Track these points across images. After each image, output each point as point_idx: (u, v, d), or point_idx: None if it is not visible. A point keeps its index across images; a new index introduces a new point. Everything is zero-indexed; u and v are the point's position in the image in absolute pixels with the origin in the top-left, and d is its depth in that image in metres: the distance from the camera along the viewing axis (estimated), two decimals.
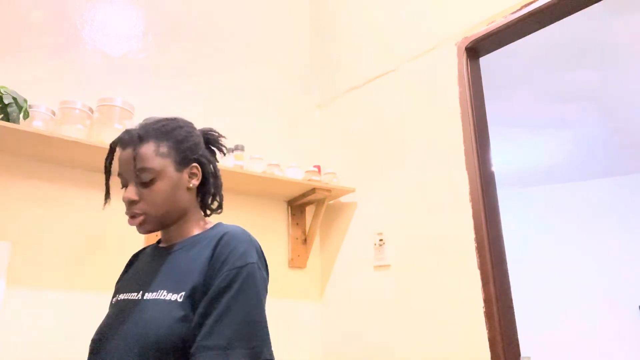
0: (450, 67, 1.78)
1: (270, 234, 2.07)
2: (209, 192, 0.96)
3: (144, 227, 0.87)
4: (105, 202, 0.97)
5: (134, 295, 0.85)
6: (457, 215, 1.64)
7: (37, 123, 1.50)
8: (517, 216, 5.16)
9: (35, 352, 1.44)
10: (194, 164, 0.92)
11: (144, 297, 0.82)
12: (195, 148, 0.93)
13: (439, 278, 1.66)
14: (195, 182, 0.92)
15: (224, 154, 1.06)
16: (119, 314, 0.85)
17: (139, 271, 0.95)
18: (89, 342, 0.87)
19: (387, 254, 1.87)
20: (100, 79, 1.78)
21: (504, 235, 1.60)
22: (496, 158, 1.79)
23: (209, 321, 0.74)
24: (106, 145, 1.50)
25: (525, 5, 1.58)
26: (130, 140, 0.87)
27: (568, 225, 5.11)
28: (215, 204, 0.99)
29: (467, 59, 1.74)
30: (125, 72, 1.86)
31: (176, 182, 0.88)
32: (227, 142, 1.05)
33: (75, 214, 1.61)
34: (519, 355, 1.46)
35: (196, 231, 0.92)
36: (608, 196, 4.97)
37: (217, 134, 1.02)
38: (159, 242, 0.99)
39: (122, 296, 0.89)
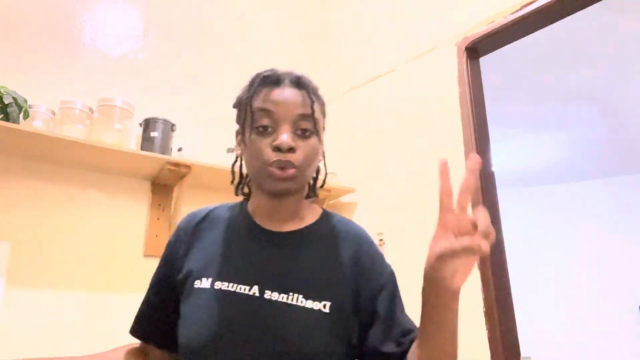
0: (450, 67, 1.78)
1: None
2: (319, 180, 0.86)
3: (291, 184, 0.73)
4: (239, 189, 0.84)
5: (246, 290, 0.71)
6: None
7: (37, 123, 1.50)
8: (517, 216, 5.16)
9: (35, 352, 1.44)
10: (323, 139, 0.82)
11: (264, 296, 0.70)
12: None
13: None
14: (321, 160, 0.82)
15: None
16: (238, 312, 0.69)
17: (238, 254, 0.77)
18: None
19: (387, 254, 1.87)
20: (100, 79, 1.78)
21: (504, 235, 1.60)
22: (496, 158, 1.79)
23: (379, 328, 0.75)
24: (106, 146, 1.51)
25: (525, 5, 1.58)
26: (307, 83, 0.76)
27: (568, 225, 5.11)
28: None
29: (467, 59, 1.74)
30: (125, 72, 1.86)
31: (320, 150, 0.79)
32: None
33: (75, 214, 1.61)
34: (519, 355, 1.46)
35: (309, 217, 0.80)
36: (608, 196, 4.97)
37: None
38: (248, 215, 0.81)
39: (222, 285, 0.72)
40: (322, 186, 0.88)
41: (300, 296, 0.69)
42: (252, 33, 2.33)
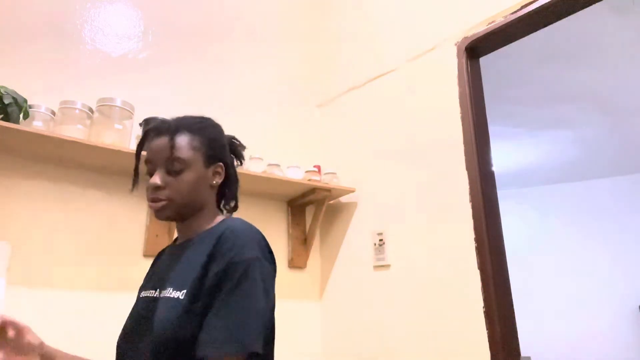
0: (450, 67, 1.78)
1: (271, 234, 2.06)
2: (228, 193, 1.00)
3: (163, 213, 0.89)
4: (133, 187, 0.98)
5: (152, 293, 0.88)
6: (457, 215, 1.64)
7: (37, 123, 1.50)
8: (517, 216, 5.16)
9: None
10: (220, 163, 0.95)
11: (160, 295, 0.85)
12: (223, 149, 0.97)
13: (439, 278, 1.66)
14: (218, 180, 0.95)
15: (241, 164, 1.08)
16: (139, 312, 0.88)
17: (158, 269, 0.98)
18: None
19: (387, 254, 1.87)
20: (100, 79, 1.78)
21: (504, 235, 1.60)
22: (496, 158, 1.79)
23: (208, 317, 0.76)
24: (106, 146, 1.51)
25: (525, 5, 1.58)
26: (167, 129, 0.90)
27: (568, 225, 5.11)
28: (232, 204, 1.02)
29: (467, 59, 1.74)
30: (125, 72, 1.86)
31: (202, 176, 0.91)
32: (245, 152, 1.09)
33: (75, 214, 1.61)
34: (519, 355, 1.46)
35: (207, 226, 0.93)
36: (608, 196, 4.97)
37: (239, 142, 1.05)
38: (176, 239, 1.01)
39: (143, 294, 0.93)
40: (234, 209, 1.03)
41: (172, 288, 0.82)
42: (252, 33, 2.33)
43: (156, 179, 0.87)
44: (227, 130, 1.07)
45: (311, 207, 2.20)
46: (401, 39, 2.06)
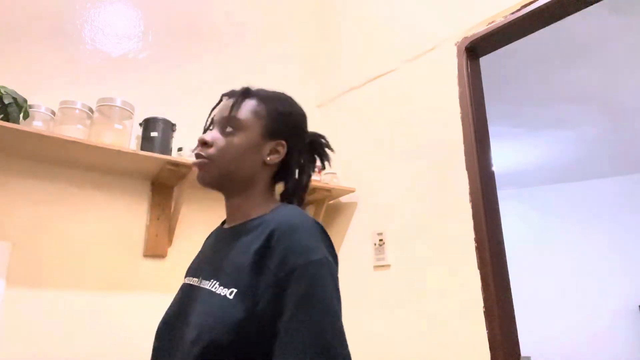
0: (450, 67, 1.78)
1: None
2: (290, 184, 0.87)
3: (203, 173, 0.81)
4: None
5: (194, 281, 0.81)
6: (457, 215, 1.64)
7: (37, 123, 1.50)
8: (517, 216, 5.17)
9: (35, 352, 1.44)
10: (282, 141, 0.85)
11: (201, 285, 0.78)
12: (291, 129, 0.86)
13: (439, 278, 1.66)
14: (273, 158, 0.84)
15: (323, 167, 0.96)
16: (182, 299, 0.81)
17: (203, 254, 0.91)
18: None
19: (387, 254, 1.87)
20: (100, 79, 1.78)
21: (504, 235, 1.60)
22: (496, 158, 1.79)
23: (280, 335, 0.65)
24: (106, 146, 1.51)
25: (525, 5, 1.58)
26: (238, 91, 0.86)
27: (568, 225, 5.11)
28: (293, 196, 0.89)
29: (467, 59, 1.74)
30: (125, 72, 1.86)
31: (255, 146, 0.82)
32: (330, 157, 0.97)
33: (75, 214, 1.61)
34: (519, 355, 1.46)
35: (259, 212, 0.81)
36: (608, 196, 4.98)
37: (326, 142, 0.94)
38: (224, 222, 0.92)
39: (186, 280, 0.85)
40: (293, 192, 0.89)
41: (216, 283, 0.74)
42: (252, 33, 2.33)
43: (205, 135, 0.82)
44: None
45: (311, 207, 2.20)
46: (401, 39, 2.06)
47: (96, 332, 1.55)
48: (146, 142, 1.67)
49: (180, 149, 1.78)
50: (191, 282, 0.82)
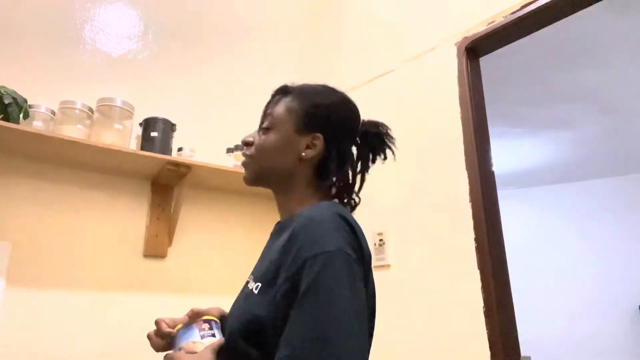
0: (450, 67, 1.78)
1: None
2: (331, 179, 0.84)
3: (246, 172, 0.85)
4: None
5: (250, 279, 0.80)
6: (457, 215, 1.64)
7: (37, 123, 1.50)
8: (517, 216, 5.16)
9: (35, 352, 1.44)
10: (318, 135, 0.81)
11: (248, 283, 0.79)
12: (330, 122, 0.82)
13: (439, 278, 1.66)
14: (309, 152, 0.80)
15: (385, 157, 0.91)
16: (238, 298, 0.81)
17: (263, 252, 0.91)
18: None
19: (387, 254, 1.87)
20: (100, 79, 1.78)
21: (504, 235, 1.60)
22: (496, 158, 1.79)
23: (285, 330, 0.61)
24: (106, 146, 1.51)
25: (525, 5, 1.58)
26: (280, 89, 0.89)
27: (568, 225, 5.11)
28: (345, 201, 0.87)
29: (467, 59, 1.74)
30: (125, 72, 1.86)
31: (289, 142, 0.80)
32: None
33: (76, 214, 1.61)
34: (519, 355, 1.46)
35: (301, 209, 0.78)
36: (608, 196, 4.97)
37: (385, 132, 0.89)
38: None
39: (248, 280, 0.82)
40: (334, 185, 0.86)
41: (252, 277, 0.77)
42: (252, 34, 2.33)
43: (247, 135, 0.85)
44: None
45: None
46: (401, 39, 2.06)
47: (96, 332, 1.55)
48: (146, 142, 1.67)
49: (180, 149, 1.79)
50: (248, 279, 0.81)
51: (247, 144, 0.84)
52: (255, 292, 0.70)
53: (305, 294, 0.61)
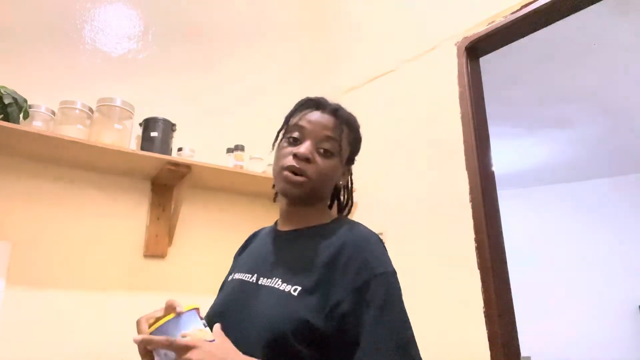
0: (450, 67, 1.78)
1: None
2: (345, 199, 0.97)
3: (298, 189, 0.83)
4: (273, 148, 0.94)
5: (248, 277, 0.83)
6: (457, 215, 1.64)
7: (37, 123, 1.50)
8: (517, 216, 5.16)
9: (35, 352, 1.44)
10: (350, 167, 0.95)
11: (259, 282, 0.80)
12: (356, 156, 0.96)
13: (439, 278, 1.66)
14: (343, 181, 0.93)
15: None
16: (238, 294, 0.82)
17: (255, 252, 0.94)
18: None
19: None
20: (100, 79, 1.78)
21: (504, 235, 1.60)
22: (496, 158, 1.79)
23: (363, 336, 0.70)
24: (106, 146, 1.51)
25: (525, 5, 1.58)
26: (332, 110, 0.89)
27: (568, 225, 5.11)
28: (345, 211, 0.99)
29: (467, 59, 1.74)
30: (125, 72, 1.86)
31: (338, 170, 0.88)
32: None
33: (75, 214, 1.61)
34: (519, 355, 1.46)
35: (319, 221, 0.87)
36: (608, 196, 4.98)
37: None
38: (276, 223, 0.96)
39: (237, 275, 0.88)
40: (346, 212, 0.98)
41: (279, 280, 0.77)
42: (252, 34, 2.33)
43: (305, 150, 0.82)
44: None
45: None
46: (401, 39, 2.06)
47: (96, 332, 1.55)
48: (146, 142, 1.67)
49: (180, 149, 1.79)
50: (244, 278, 0.84)
51: (306, 159, 0.83)
52: (295, 294, 0.73)
53: (382, 308, 0.72)
